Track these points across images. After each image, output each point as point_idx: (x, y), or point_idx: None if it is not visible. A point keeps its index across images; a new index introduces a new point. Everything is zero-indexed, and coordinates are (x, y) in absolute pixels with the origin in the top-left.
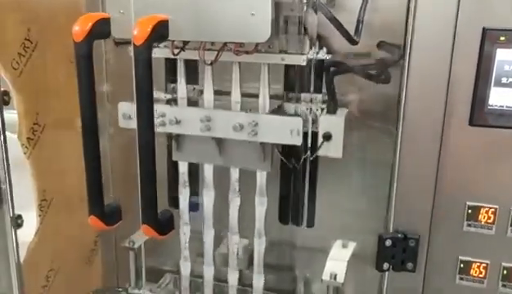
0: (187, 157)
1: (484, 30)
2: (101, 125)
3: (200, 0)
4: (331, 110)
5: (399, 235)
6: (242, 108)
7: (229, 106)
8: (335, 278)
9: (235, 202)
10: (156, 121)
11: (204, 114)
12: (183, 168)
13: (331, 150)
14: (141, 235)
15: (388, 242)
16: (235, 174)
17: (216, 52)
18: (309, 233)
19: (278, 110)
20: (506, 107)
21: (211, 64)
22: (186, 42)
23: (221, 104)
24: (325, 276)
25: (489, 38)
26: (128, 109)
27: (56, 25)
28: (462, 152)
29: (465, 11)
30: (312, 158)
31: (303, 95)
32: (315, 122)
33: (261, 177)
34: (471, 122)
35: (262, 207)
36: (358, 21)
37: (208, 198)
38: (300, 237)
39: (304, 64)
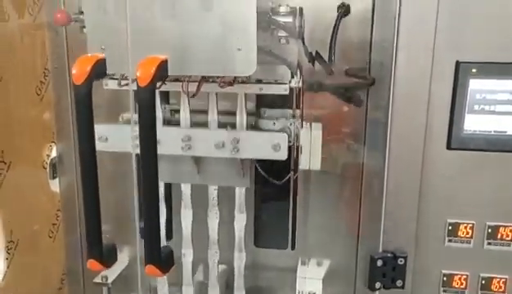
0: (164, 177)
1: (458, 63)
2: None
3: (187, 36)
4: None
5: (389, 255)
6: (219, 125)
7: (206, 124)
8: None
9: (214, 220)
10: (134, 142)
11: (185, 134)
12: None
13: (311, 164)
14: (113, 270)
15: (380, 263)
16: (213, 191)
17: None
18: (283, 253)
19: (255, 127)
20: (479, 131)
21: (193, 96)
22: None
23: (198, 122)
24: None
25: (462, 70)
26: (103, 131)
27: (19, 59)
28: (441, 173)
29: (441, 45)
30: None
31: (278, 111)
32: (289, 136)
33: (240, 193)
34: (449, 146)
35: (241, 222)
36: (330, 52)
37: (187, 219)
38: (272, 257)
39: (287, 93)
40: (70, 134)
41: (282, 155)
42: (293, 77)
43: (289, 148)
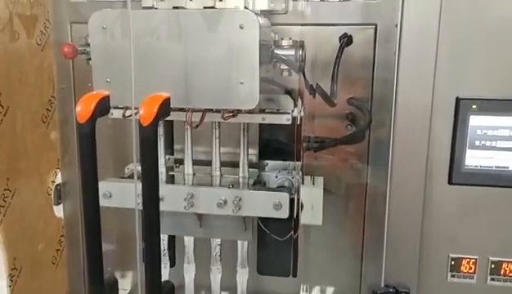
0: (167, 230)
1: (458, 99)
2: None
3: (190, 69)
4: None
5: (391, 290)
6: (221, 181)
7: (209, 178)
8: None
9: (216, 274)
10: (138, 200)
11: (187, 192)
12: (163, 242)
13: (313, 219)
14: None
15: None
16: (216, 244)
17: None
18: (285, 281)
19: (257, 182)
20: (481, 167)
21: (196, 127)
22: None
23: (201, 177)
24: None
25: (462, 106)
26: (107, 188)
27: (26, 88)
28: (443, 208)
29: (441, 82)
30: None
31: (280, 164)
32: (290, 190)
33: (242, 247)
34: (450, 181)
35: (243, 277)
36: (332, 84)
37: (189, 273)
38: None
39: (289, 123)
40: (75, 160)
41: (283, 214)
42: (295, 106)
43: (291, 200)
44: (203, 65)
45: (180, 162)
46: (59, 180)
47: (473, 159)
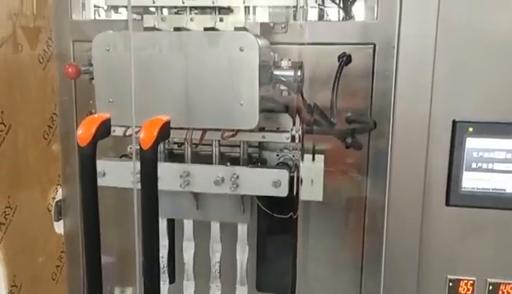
0: (164, 213)
1: (454, 122)
2: None
3: (191, 90)
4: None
5: None
6: (221, 158)
7: (207, 156)
8: None
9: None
10: (134, 178)
11: (183, 169)
12: (162, 221)
13: (313, 195)
14: None
15: None
16: (215, 224)
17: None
18: None
19: (258, 160)
20: (477, 189)
21: (197, 145)
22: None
23: (199, 154)
24: None
25: (459, 129)
26: (101, 167)
27: (28, 106)
28: (441, 229)
29: (437, 104)
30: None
31: (281, 143)
32: (291, 168)
33: (242, 229)
34: (448, 203)
35: (243, 254)
36: (332, 105)
37: (189, 251)
38: None
39: (288, 141)
40: (76, 176)
41: (283, 192)
42: (294, 124)
43: (291, 179)
44: (203, 87)
45: (181, 145)
46: (59, 196)
47: (471, 181)
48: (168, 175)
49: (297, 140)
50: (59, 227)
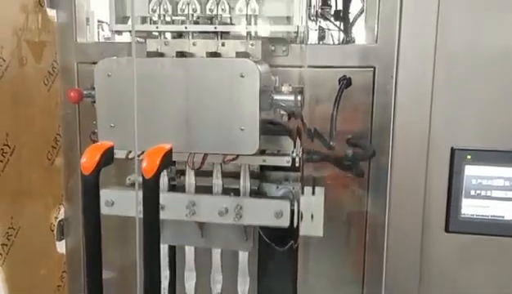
0: (167, 240)
1: (453, 150)
2: None
3: (192, 116)
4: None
5: None
6: (223, 189)
7: (210, 187)
8: None
9: (217, 283)
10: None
11: (189, 200)
12: (164, 252)
13: (313, 230)
14: None
15: None
16: (217, 254)
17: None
18: None
19: (258, 191)
20: (476, 216)
21: (198, 168)
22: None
23: (202, 186)
24: None
25: (457, 157)
26: (110, 196)
27: (31, 128)
28: (441, 255)
29: (436, 132)
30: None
31: (282, 175)
32: (291, 201)
33: (243, 257)
34: (447, 229)
35: (244, 286)
36: (331, 128)
37: (190, 281)
38: None
39: (289, 165)
40: (78, 195)
41: (284, 222)
42: (295, 147)
43: (292, 211)
44: (204, 112)
45: (182, 173)
46: (62, 215)
47: (470, 208)
48: (174, 205)
49: (297, 164)
50: (61, 247)
